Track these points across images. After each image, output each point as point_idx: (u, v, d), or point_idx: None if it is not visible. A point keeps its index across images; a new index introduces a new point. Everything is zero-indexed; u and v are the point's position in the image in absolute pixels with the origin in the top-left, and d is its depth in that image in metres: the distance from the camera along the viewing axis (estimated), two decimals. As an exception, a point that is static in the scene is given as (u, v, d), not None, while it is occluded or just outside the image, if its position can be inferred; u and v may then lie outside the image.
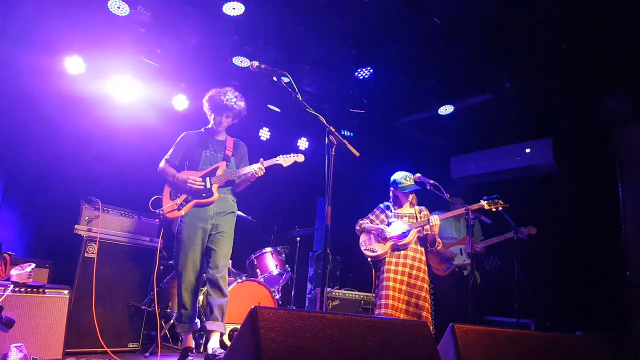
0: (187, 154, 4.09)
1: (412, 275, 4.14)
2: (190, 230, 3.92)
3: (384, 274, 4.15)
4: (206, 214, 3.98)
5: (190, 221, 3.93)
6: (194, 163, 4.06)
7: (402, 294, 4.08)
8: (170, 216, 3.91)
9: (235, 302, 4.85)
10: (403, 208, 4.40)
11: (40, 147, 5.01)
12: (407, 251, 4.21)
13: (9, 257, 3.65)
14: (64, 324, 3.54)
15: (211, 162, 4.08)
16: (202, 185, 3.95)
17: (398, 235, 4.20)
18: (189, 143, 4.14)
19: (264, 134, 6.88)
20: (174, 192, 3.99)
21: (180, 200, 3.94)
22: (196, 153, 4.09)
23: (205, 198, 3.97)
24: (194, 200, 3.96)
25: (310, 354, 1.77)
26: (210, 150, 4.14)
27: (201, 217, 3.96)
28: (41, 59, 4.88)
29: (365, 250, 4.27)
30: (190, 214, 3.94)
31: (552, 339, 2.73)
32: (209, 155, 4.11)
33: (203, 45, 5.19)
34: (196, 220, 3.94)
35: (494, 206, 4.20)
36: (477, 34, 4.79)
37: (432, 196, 4.26)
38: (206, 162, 4.08)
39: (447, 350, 2.30)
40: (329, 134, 3.06)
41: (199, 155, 4.08)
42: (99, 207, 4.28)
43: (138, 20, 4.78)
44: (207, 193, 3.98)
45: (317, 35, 5.08)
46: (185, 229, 3.92)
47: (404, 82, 5.78)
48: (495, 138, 6.55)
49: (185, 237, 3.90)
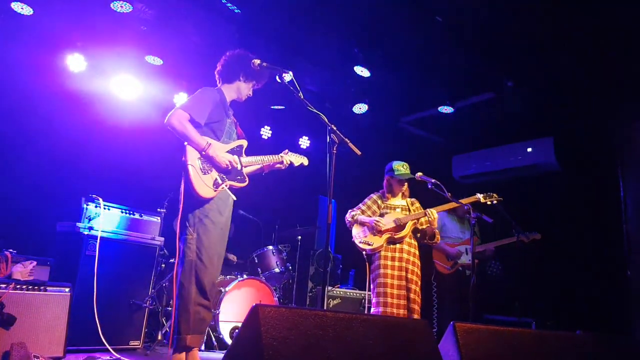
0: (212, 116, 3.26)
1: (408, 270, 4.07)
2: (219, 218, 3.21)
3: (380, 269, 4.05)
4: (229, 202, 3.30)
5: (218, 208, 3.20)
6: (219, 132, 3.29)
7: (395, 289, 4.01)
8: (204, 194, 3.09)
9: (236, 300, 4.87)
10: (395, 198, 4.34)
11: (41, 144, 5.02)
12: (403, 245, 4.13)
13: (10, 255, 3.66)
14: (66, 322, 3.54)
15: (230, 134, 3.38)
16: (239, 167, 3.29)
17: (394, 227, 4.13)
18: (215, 102, 3.30)
19: (265, 133, 6.88)
20: (203, 162, 3.16)
21: (215, 177, 3.18)
22: (222, 120, 3.31)
23: (239, 182, 3.31)
24: (229, 182, 3.24)
25: (311, 352, 1.77)
26: (231, 118, 3.42)
27: (225, 205, 3.27)
28: (42, 56, 4.89)
29: (361, 244, 4.14)
30: (218, 198, 3.21)
31: (553, 338, 2.73)
32: (230, 125, 3.38)
33: (205, 43, 5.19)
34: (223, 205, 3.24)
35: (489, 199, 4.19)
36: (479, 33, 4.79)
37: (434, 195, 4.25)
38: (229, 134, 3.35)
39: (448, 349, 2.30)
40: (331, 132, 3.06)
41: (224, 123, 3.32)
42: (100, 204, 4.27)
43: (140, 18, 4.78)
44: (241, 176, 3.33)
45: (319, 33, 5.08)
46: (213, 214, 3.17)
47: (405, 80, 5.77)
48: (497, 137, 6.55)
49: (214, 223, 3.17)
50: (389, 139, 7.19)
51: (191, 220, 3.13)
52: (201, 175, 3.09)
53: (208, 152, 3.12)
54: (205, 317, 3.12)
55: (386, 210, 4.27)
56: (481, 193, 4.23)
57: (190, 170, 3.05)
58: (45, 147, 5.05)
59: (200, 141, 3.11)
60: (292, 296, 6.27)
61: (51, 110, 5.06)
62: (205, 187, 3.09)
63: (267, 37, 5.18)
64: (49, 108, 5.05)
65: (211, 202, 3.16)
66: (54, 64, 4.96)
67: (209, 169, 3.14)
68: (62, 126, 5.15)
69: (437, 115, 6.34)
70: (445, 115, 6.28)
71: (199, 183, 3.05)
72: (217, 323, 4.72)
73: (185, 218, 3.15)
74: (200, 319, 3.07)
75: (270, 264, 5.49)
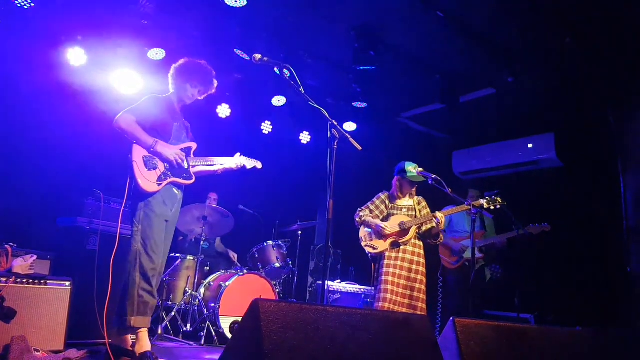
0: (158, 121, 3.49)
1: (411, 270, 4.16)
2: (163, 209, 3.40)
3: (384, 268, 4.16)
4: (176, 199, 3.53)
5: (162, 200, 3.40)
6: (165, 135, 3.51)
7: (400, 288, 4.08)
8: (149, 190, 3.31)
9: (236, 295, 4.88)
10: (403, 199, 4.39)
11: (41, 139, 5.01)
12: (407, 246, 4.22)
13: (10, 249, 3.66)
14: (66, 316, 3.55)
15: (179, 138, 3.60)
16: (184, 164, 3.50)
17: (398, 231, 4.20)
18: (162, 108, 3.54)
19: (266, 128, 6.87)
20: (149, 159, 3.39)
21: (160, 172, 3.39)
22: (168, 123, 3.54)
23: (185, 179, 3.51)
24: (173, 178, 3.45)
25: (311, 346, 1.78)
26: (179, 123, 3.65)
27: (171, 200, 3.48)
28: (43, 50, 4.88)
29: (366, 247, 4.26)
30: (164, 192, 3.41)
31: (552, 334, 2.74)
32: (178, 128, 3.61)
33: (206, 37, 5.18)
34: (168, 200, 3.44)
35: (492, 204, 4.22)
36: (480, 28, 4.77)
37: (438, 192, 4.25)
38: (176, 136, 3.58)
39: (448, 344, 2.31)
40: (332, 127, 3.06)
41: (171, 126, 3.55)
42: (101, 199, 4.27)
43: (141, 12, 4.76)
44: (187, 174, 3.54)
45: (320, 28, 5.07)
46: (157, 207, 3.36)
47: (406, 76, 5.76)
48: (498, 133, 6.54)
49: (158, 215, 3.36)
50: (389, 134, 7.18)
51: (137, 213, 3.35)
52: (145, 171, 3.34)
53: (156, 148, 3.38)
54: (149, 301, 3.34)
55: (393, 212, 4.33)
56: (487, 195, 4.29)
57: (134, 167, 3.31)
58: (46, 142, 5.04)
59: (148, 139, 3.38)
60: (292, 291, 6.28)
61: (52, 104, 5.05)
62: (148, 182, 3.33)
63: (268, 31, 5.16)
64: (50, 102, 5.04)
65: (156, 196, 3.36)
66: (54, 57, 4.94)
67: (154, 166, 3.38)
68: (62, 120, 5.14)
69: (438, 110, 6.33)
70: (446, 110, 6.27)
71: (142, 178, 3.30)
72: (217, 317, 4.74)
73: (133, 211, 3.38)
74: (144, 302, 3.30)
75: (270, 259, 5.50)
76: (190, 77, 3.61)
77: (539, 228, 4.87)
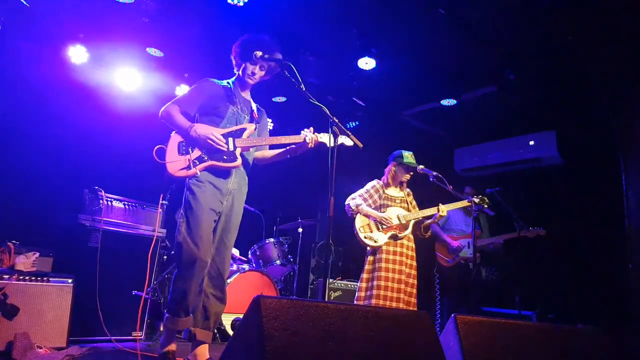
0: (207, 105, 3.29)
1: (407, 265, 4.13)
2: (208, 197, 3.12)
3: (382, 262, 4.07)
4: (225, 186, 3.22)
5: (206, 186, 3.14)
6: (217, 118, 3.28)
7: (395, 283, 4.04)
8: (177, 174, 3.10)
9: (238, 292, 4.88)
10: (394, 189, 4.37)
11: (43, 136, 5.02)
12: (402, 240, 4.19)
13: (12, 246, 3.67)
14: (68, 313, 3.56)
15: (237, 121, 3.35)
16: (224, 146, 3.18)
17: (399, 225, 4.17)
18: (212, 93, 3.34)
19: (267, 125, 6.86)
20: (185, 145, 3.18)
21: (194, 157, 3.15)
22: (221, 106, 3.30)
23: (225, 162, 3.21)
24: (210, 162, 3.17)
25: (312, 343, 1.78)
26: (238, 106, 3.38)
27: (219, 187, 3.19)
28: (44, 47, 4.89)
29: (365, 239, 4.11)
30: (205, 177, 3.15)
31: (554, 331, 2.74)
32: (235, 112, 3.35)
33: (207, 35, 5.17)
34: (213, 188, 3.16)
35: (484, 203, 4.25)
36: (481, 26, 4.76)
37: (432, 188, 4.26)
38: (231, 119, 3.31)
39: (449, 341, 2.31)
40: (333, 125, 3.05)
41: (225, 110, 3.30)
42: (103, 196, 4.28)
43: (142, 10, 4.76)
44: (229, 156, 3.21)
45: (321, 25, 5.06)
46: (200, 194, 3.10)
47: (407, 73, 5.75)
48: (499, 130, 6.53)
49: (201, 203, 3.09)
50: (391, 132, 7.17)
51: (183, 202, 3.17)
52: (176, 156, 3.14)
53: (190, 133, 3.14)
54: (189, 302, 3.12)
55: (386, 202, 4.28)
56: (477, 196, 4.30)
57: (166, 153, 3.15)
58: (48, 139, 5.05)
59: (183, 125, 3.17)
60: (293, 288, 6.28)
61: (53, 101, 5.06)
62: (176, 166, 3.12)
63: (269, 28, 5.15)
64: (51, 100, 5.05)
65: (196, 181, 3.14)
66: (56, 55, 4.95)
67: (186, 150, 3.17)
68: (64, 118, 5.15)
69: (439, 108, 6.33)
70: (448, 108, 6.27)
71: (169, 163, 3.12)
72: (219, 315, 4.74)
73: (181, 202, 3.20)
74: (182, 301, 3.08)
75: (271, 256, 5.50)
76: (244, 55, 3.35)
77: (534, 232, 4.89)
